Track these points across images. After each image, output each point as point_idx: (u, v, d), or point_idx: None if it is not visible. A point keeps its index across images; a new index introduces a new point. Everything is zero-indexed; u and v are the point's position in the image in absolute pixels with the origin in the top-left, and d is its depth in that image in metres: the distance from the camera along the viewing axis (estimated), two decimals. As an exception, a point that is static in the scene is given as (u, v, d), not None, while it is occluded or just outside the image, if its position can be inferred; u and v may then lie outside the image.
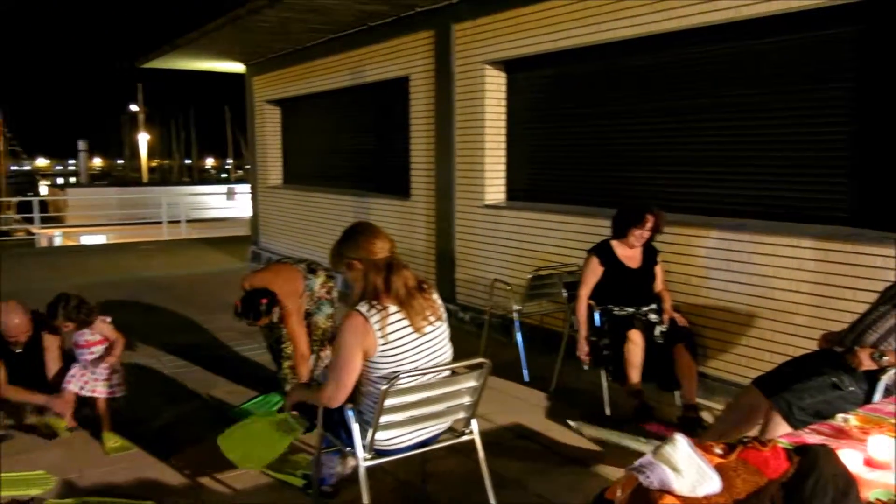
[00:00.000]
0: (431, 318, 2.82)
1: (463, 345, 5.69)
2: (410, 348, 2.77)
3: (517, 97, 6.61)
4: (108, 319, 4.24)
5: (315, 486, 3.30)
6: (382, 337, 2.70)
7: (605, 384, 4.48)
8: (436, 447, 3.08)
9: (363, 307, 2.72)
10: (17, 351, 4.12)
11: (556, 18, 5.72)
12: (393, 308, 2.74)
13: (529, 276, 5.28)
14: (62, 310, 4.03)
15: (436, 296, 2.93)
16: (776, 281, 4.43)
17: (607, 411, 4.44)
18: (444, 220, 7.15)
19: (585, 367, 4.58)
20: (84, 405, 4.25)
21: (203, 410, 4.68)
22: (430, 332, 2.82)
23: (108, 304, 6.65)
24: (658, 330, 4.34)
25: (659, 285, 4.59)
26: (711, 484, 1.78)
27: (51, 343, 4.21)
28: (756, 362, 4.52)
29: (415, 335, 2.77)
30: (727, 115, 4.89)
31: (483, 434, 3.12)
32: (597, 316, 4.46)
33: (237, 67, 11.44)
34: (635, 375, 4.25)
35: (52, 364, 4.21)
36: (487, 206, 6.67)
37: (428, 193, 7.37)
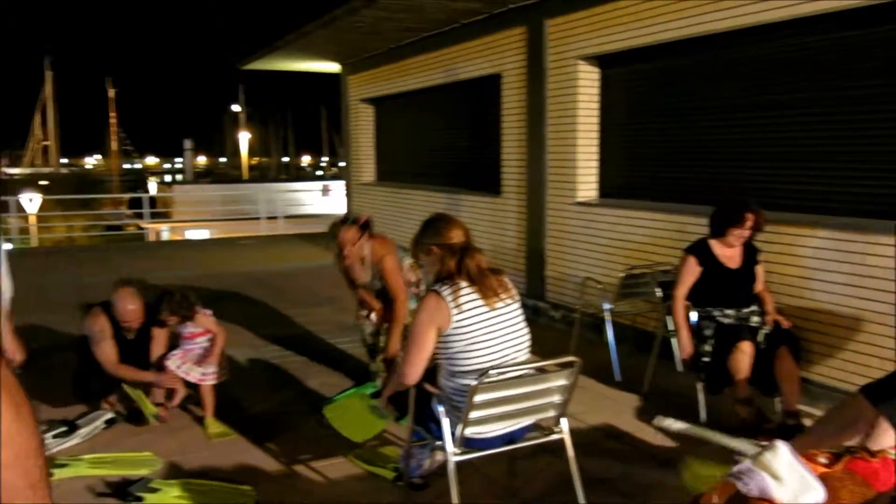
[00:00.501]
0: (504, 297, 2.92)
1: (553, 343, 5.69)
2: (484, 320, 2.84)
3: (611, 93, 6.49)
4: (209, 313, 4.43)
5: (405, 479, 3.35)
6: (456, 307, 2.81)
7: (700, 388, 4.35)
8: (525, 445, 3.07)
9: (436, 286, 2.89)
10: (130, 338, 4.36)
11: (653, 11, 5.59)
12: (464, 283, 2.87)
13: (622, 274, 5.18)
14: (166, 304, 4.24)
15: (508, 280, 3.02)
16: (886, 283, 4.18)
17: (702, 416, 4.30)
18: (534, 217, 7.11)
19: (680, 370, 4.46)
20: (188, 386, 4.45)
21: (298, 400, 4.82)
22: (502, 308, 2.89)
23: (209, 296, 6.96)
24: (761, 333, 4.17)
25: (759, 286, 4.41)
26: (815, 494, 1.71)
27: (158, 334, 4.43)
28: (863, 368, 4.28)
29: (486, 308, 2.85)
30: (833, 108, 4.65)
31: (573, 433, 3.09)
32: (693, 317, 4.32)
33: (333, 67, 11.72)
34: (744, 385, 4.09)
35: (157, 353, 4.43)
36: (579, 204, 6.59)
37: (519, 190, 7.34)
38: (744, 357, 4.03)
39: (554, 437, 3.05)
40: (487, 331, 2.84)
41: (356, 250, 4.38)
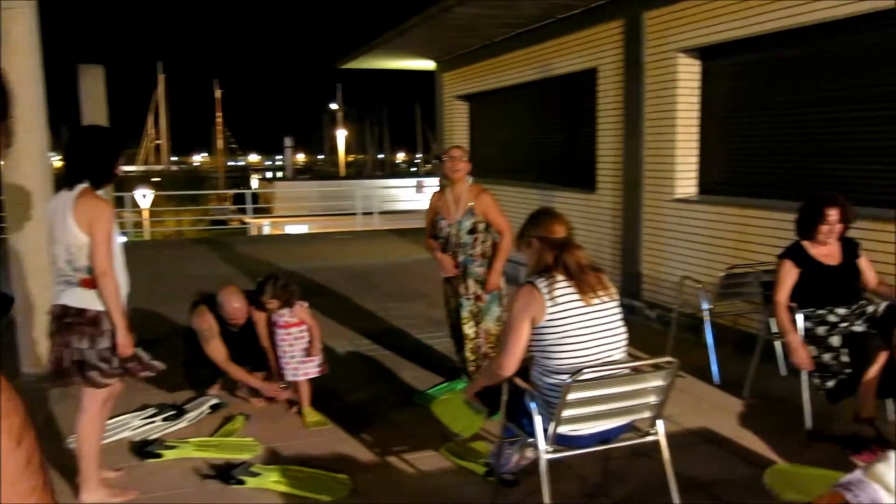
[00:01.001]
0: (602, 295, 2.89)
1: (648, 343, 5.56)
2: (579, 315, 2.82)
3: (712, 86, 6.27)
4: (306, 305, 4.56)
5: (496, 474, 3.35)
6: (550, 300, 2.81)
7: (806, 394, 4.13)
8: (619, 445, 3.02)
9: (532, 277, 2.91)
10: (234, 331, 4.54)
11: (756, 1, 5.36)
12: (561, 277, 2.87)
13: (722, 273, 5.01)
14: (271, 287, 4.39)
15: (607, 278, 2.99)
16: None
17: (808, 424, 4.09)
18: (630, 214, 6.96)
19: (783, 374, 4.26)
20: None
21: (391, 393, 4.90)
22: (599, 306, 2.87)
23: (307, 289, 7.17)
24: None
25: (871, 281, 4.13)
26: (934, 509, 1.60)
27: (259, 318, 4.60)
28: None
29: (582, 304, 2.84)
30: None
31: (669, 436, 3.02)
32: (800, 320, 4.09)
33: (428, 65, 11.83)
34: (872, 402, 3.85)
35: (264, 337, 4.59)
36: (677, 200, 6.41)
37: (614, 187, 7.20)
38: (876, 368, 3.80)
39: (649, 438, 2.98)
40: (582, 326, 2.82)
41: (461, 173, 4.60)
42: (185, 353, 4.67)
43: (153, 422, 4.30)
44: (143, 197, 22.31)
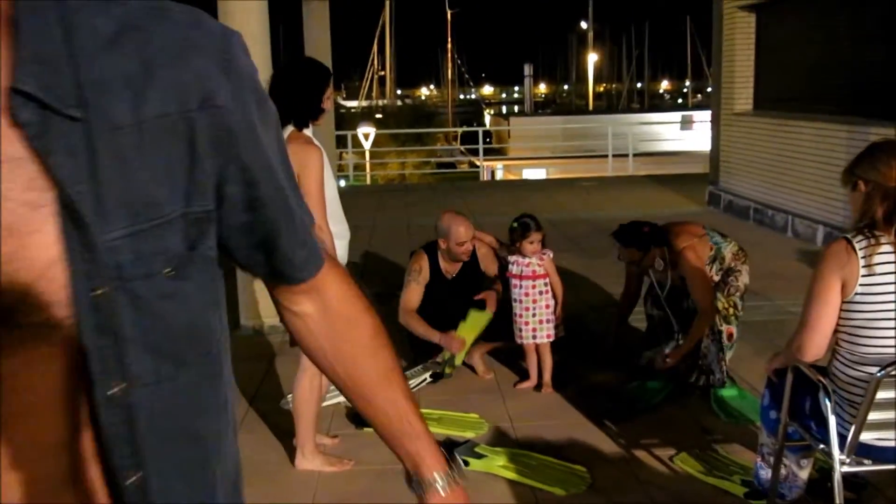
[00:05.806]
0: None
1: None
2: None
3: None
4: (551, 254, 4.67)
5: (772, 497, 3.14)
6: (866, 266, 2.60)
7: None
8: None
9: (850, 233, 2.70)
10: (449, 279, 4.75)
11: None
12: (886, 240, 2.63)
13: None
14: (534, 223, 4.65)
15: None
16: None
17: None
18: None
19: None
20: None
21: (638, 374, 4.81)
22: None
23: (547, 245, 7.26)
24: None
25: None
26: None
27: (486, 255, 4.96)
28: None
29: None
30: None
31: None
32: None
33: (703, -33, 11.28)
34: None
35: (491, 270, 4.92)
36: None
37: (957, 121, 6.43)
38: None
39: None
40: None
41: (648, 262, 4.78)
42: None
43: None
44: (365, 138, 23.64)
